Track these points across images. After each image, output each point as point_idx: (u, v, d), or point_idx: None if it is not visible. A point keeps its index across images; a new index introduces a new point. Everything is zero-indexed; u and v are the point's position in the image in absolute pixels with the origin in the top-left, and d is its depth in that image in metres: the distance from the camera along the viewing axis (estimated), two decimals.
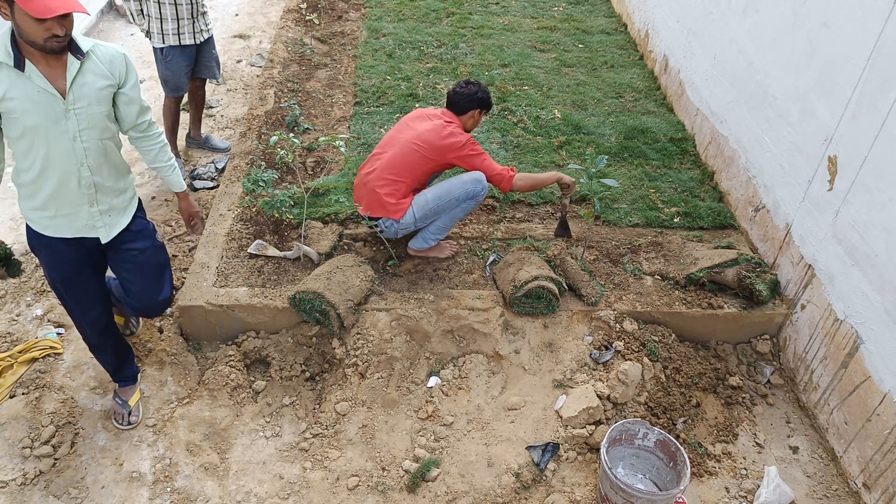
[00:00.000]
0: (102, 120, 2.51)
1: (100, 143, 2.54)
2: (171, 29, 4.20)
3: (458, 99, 3.50)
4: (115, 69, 2.50)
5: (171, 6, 4.15)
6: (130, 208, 2.81)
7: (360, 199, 3.61)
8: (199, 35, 4.33)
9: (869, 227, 2.97)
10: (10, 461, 2.98)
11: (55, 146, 2.45)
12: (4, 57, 2.29)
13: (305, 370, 3.42)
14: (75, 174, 2.53)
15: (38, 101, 2.35)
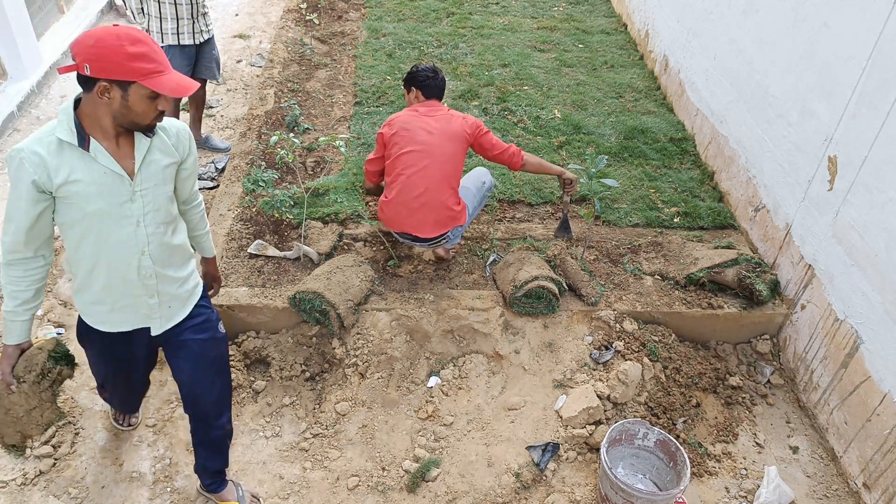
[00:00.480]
0: (166, 201, 2.26)
1: (162, 228, 2.27)
2: (171, 28, 4.21)
3: (442, 85, 3.51)
4: (180, 145, 2.26)
5: (171, 6, 4.15)
6: (193, 298, 2.50)
7: (419, 224, 3.36)
8: (198, 35, 4.34)
9: (869, 227, 2.97)
10: (11, 461, 2.98)
11: (115, 233, 2.17)
12: (67, 135, 2.02)
13: (305, 370, 3.42)
14: (135, 263, 2.24)
15: (103, 184, 2.08)
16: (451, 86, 5.36)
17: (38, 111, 5.38)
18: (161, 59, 1.96)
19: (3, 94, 5.26)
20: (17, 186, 2.02)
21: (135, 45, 1.90)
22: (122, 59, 1.89)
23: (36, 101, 5.46)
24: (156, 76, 1.93)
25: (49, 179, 2.01)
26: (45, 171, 2.00)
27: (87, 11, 6.63)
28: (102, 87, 1.92)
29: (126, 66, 1.89)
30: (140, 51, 1.90)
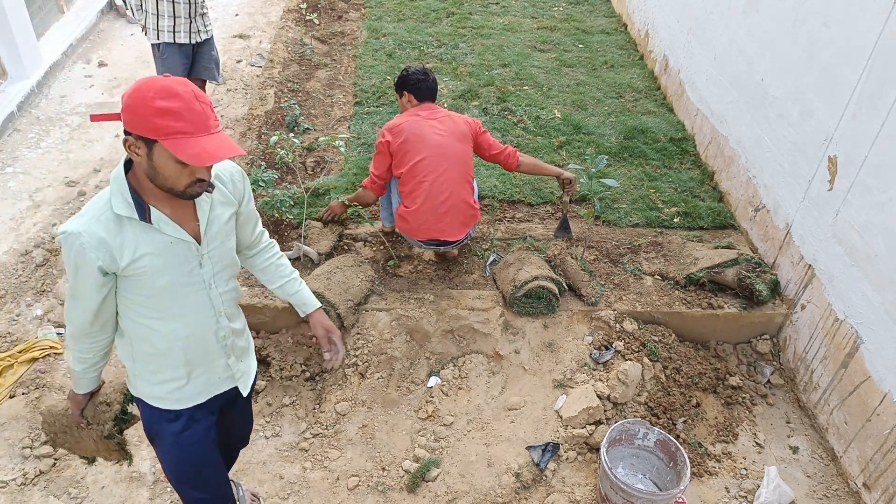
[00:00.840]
0: (232, 256, 2.05)
1: (231, 283, 2.08)
2: (167, 26, 4.18)
3: (434, 87, 3.46)
4: (236, 190, 2.01)
5: (169, 3, 4.13)
6: (251, 346, 2.32)
7: (447, 228, 3.37)
8: (195, 35, 4.30)
9: (869, 227, 2.97)
10: (10, 461, 2.98)
11: (187, 302, 1.96)
12: (125, 209, 1.78)
13: (305, 370, 3.42)
14: (212, 327, 2.05)
15: (171, 255, 1.87)
16: (451, 86, 5.36)
17: (38, 111, 5.38)
18: (197, 119, 1.67)
19: (3, 94, 5.26)
20: (81, 271, 1.81)
21: (166, 100, 1.64)
22: (149, 113, 1.64)
23: (36, 101, 5.46)
24: (179, 137, 1.66)
25: (114, 262, 1.81)
26: (109, 253, 1.79)
27: (87, 11, 6.64)
28: (129, 142, 1.70)
29: (150, 121, 1.65)
30: (169, 106, 1.64)
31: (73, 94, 5.62)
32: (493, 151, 3.51)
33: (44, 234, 4.14)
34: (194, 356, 2.05)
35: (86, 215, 1.79)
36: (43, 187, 4.56)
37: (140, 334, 1.99)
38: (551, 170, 3.65)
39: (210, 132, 1.70)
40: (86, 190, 4.53)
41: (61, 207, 4.38)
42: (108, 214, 1.78)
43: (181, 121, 1.65)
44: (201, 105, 1.69)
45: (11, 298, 3.73)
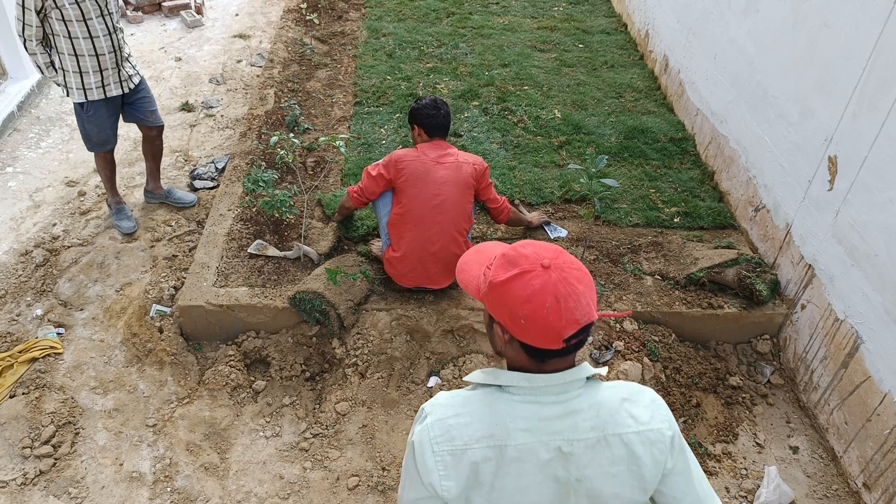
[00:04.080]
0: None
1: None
2: (94, 82, 3.63)
3: (446, 122, 3.33)
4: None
5: (93, 58, 3.55)
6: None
7: (433, 277, 3.36)
8: (126, 83, 3.76)
9: (869, 227, 2.97)
10: (10, 461, 2.98)
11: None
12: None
13: (305, 370, 3.42)
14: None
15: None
16: (452, 86, 5.36)
17: (38, 111, 5.38)
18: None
19: (3, 93, 5.26)
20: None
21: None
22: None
23: (36, 101, 5.46)
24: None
25: None
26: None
27: None
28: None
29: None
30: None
31: None
32: (490, 204, 3.49)
33: (44, 234, 4.14)
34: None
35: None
36: (43, 187, 4.56)
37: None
38: (526, 219, 3.84)
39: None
40: (86, 190, 4.53)
41: (61, 207, 4.38)
42: None
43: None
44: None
45: (11, 298, 3.73)
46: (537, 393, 1.36)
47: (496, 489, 1.35)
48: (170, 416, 3.22)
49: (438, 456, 1.34)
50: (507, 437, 1.33)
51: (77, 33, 3.48)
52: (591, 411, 1.36)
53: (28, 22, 3.42)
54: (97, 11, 3.48)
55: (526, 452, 1.34)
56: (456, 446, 1.34)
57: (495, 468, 1.34)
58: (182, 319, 3.49)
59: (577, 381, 1.38)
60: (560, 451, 1.34)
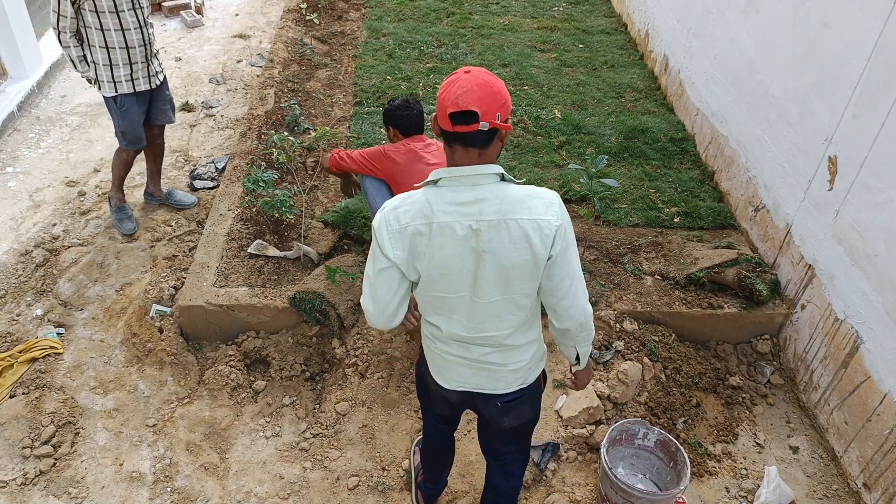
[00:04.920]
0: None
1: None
2: (124, 75, 3.66)
3: (419, 120, 3.34)
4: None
5: (123, 51, 3.59)
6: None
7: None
8: (154, 79, 3.82)
9: (869, 227, 2.97)
10: (10, 461, 2.98)
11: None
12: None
13: (305, 370, 3.42)
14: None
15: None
16: None
17: (38, 111, 5.38)
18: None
19: (3, 93, 5.26)
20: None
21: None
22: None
23: (36, 101, 5.46)
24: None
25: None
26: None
27: None
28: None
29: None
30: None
31: (73, 94, 5.62)
32: None
33: (44, 234, 4.14)
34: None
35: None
36: (43, 187, 4.56)
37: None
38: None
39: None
40: (86, 190, 4.53)
41: (61, 207, 4.38)
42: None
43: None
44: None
45: (11, 298, 3.73)
46: (455, 183, 1.84)
47: (429, 256, 1.87)
48: (170, 416, 3.22)
49: (390, 233, 1.87)
50: (434, 217, 1.83)
51: (109, 25, 3.51)
52: (497, 200, 1.82)
53: (63, 13, 3.44)
54: (129, 4, 3.53)
55: (447, 228, 1.83)
56: (402, 224, 1.86)
57: (427, 241, 1.85)
58: (182, 319, 3.49)
59: (489, 177, 1.84)
60: (471, 229, 1.83)
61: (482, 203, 1.82)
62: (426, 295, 1.99)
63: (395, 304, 1.98)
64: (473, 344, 2.05)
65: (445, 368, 2.16)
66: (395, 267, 1.91)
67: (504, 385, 2.14)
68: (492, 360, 2.08)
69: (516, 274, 1.87)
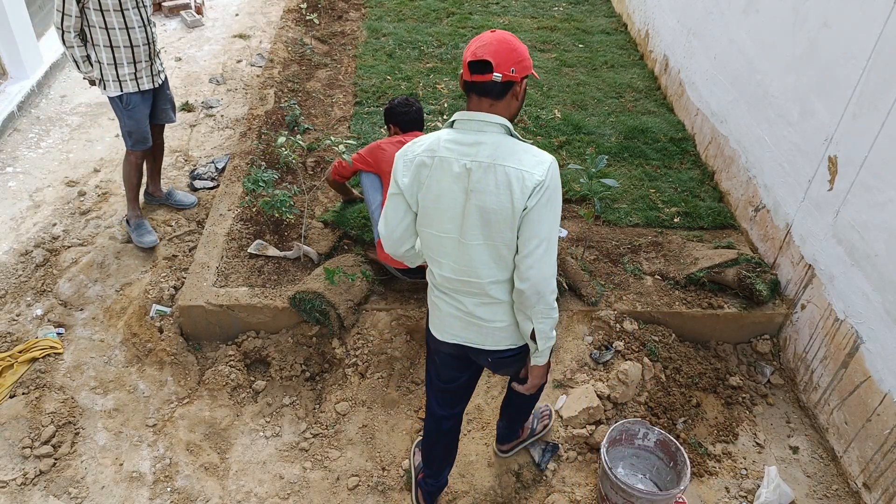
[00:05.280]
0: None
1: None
2: (129, 74, 3.65)
3: (418, 116, 3.51)
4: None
5: (127, 49, 3.58)
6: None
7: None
8: (157, 78, 3.81)
9: (869, 227, 2.97)
10: (10, 461, 2.98)
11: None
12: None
13: (305, 370, 3.42)
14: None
15: None
16: (452, 86, 5.36)
17: (38, 111, 5.38)
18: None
19: (3, 94, 5.26)
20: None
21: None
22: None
23: (36, 101, 5.46)
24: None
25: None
26: None
27: None
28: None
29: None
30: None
31: (73, 94, 5.62)
32: None
33: (44, 234, 4.14)
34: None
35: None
36: (43, 187, 4.56)
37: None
38: None
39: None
40: (86, 190, 4.53)
41: (61, 207, 4.38)
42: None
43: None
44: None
45: (11, 298, 3.73)
46: (464, 126, 2.04)
47: (427, 188, 2.07)
48: (170, 416, 3.22)
49: (403, 163, 2.10)
50: (437, 151, 2.04)
51: (114, 24, 3.51)
52: (493, 146, 2.00)
53: (68, 12, 3.43)
54: (133, 3, 3.53)
55: (445, 163, 2.03)
56: (413, 155, 2.09)
57: (429, 172, 2.05)
58: (182, 319, 3.49)
59: (493, 126, 2.02)
60: (465, 168, 2.01)
61: (480, 146, 2.00)
62: (424, 232, 2.17)
63: (401, 230, 2.18)
64: (462, 293, 2.20)
65: (440, 320, 2.31)
66: (402, 195, 2.12)
67: (492, 342, 2.26)
68: (479, 315, 2.21)
69: (496, 220, 2.01)
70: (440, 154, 2.03)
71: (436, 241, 2.14)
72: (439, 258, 2.17)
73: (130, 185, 4.02)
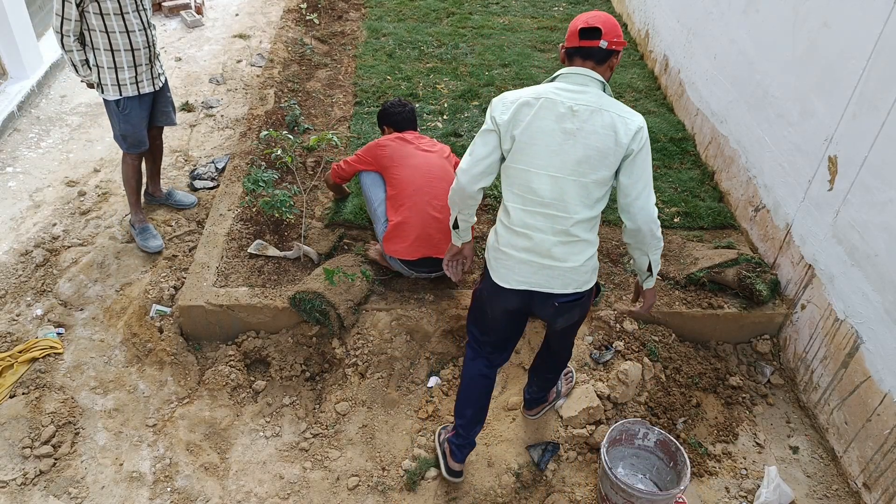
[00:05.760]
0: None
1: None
2: (129, 78, 3.61)
3: (411, 116, 3.64)
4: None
5: (128, 53, 3.54)
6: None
7: (440, 243, 3.28)
8: (157, 80, 3.78)
9: (869, 227, 2.97)
10: (10, 461, 2.98)
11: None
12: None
13: (305, 370, 3.42)
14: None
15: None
16: (452, 86, 5.36)
17: (38, 111, 5.38)
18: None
19: (3, 93, 5.26)
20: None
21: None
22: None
23: (36, 101, 5.46)
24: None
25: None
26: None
27: None
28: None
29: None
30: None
31: (74, 94, 5.62)
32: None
33: (44, 234, 4.14)
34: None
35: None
36: (43, 187, 4.56)
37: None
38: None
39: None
40: (86, 190, 4.53)
41: (61, 207, 4.38)
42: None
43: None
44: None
45: (11, 298, 3.73)
46: (568, 79, 2.33)
47: (527, 125, 2.29)
48: (170, 416, 3.22)
49: (503, 103, 2.35)
50: (543, 94, 2.30)
51: (114, 27, 3.48)
52: (596, 96, 2.29)
53: (67, 16, 3.39)
54: (133, 6, 3.50)
55: (551, 104, 2.28)
56: (514, 98, 2.34)
57: (530, 111, 2.29)
58: (182, 319, 3.49)
59: (595, 81, 2.32)
60: (571, 110, 2.27)
61: (585, 94, 2.29)
62: (512, 168, 2.37)
63: (483, 166, 2.39)
64: (543, 231, 2.36)
65: (508, 268, 2.45)
66: (495, 132, 2.35)
67: (561, 285, 2.42)
68: (554, 254, 2.37)
69: (597, 158, 2.26)
70: (546, 96, 2.28)
71: (526, 176, 2.33)
72: (526, 194, 2.35)
73: (131, 188, 4.01)
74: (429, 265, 3.40)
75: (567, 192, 2.31)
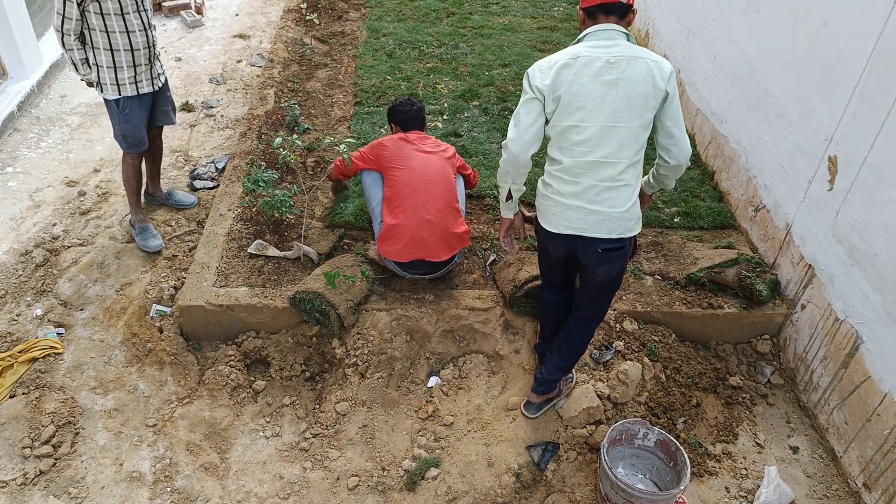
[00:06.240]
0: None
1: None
2: (128, 77, 3.61)
3: (419, 115, 3.64)
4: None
5: (128, 53, 3.54)
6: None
7: (432, 246, 3.31)
8: (157, 80, 3.77)
9: (869, 227, 2.97)
10: (10, 461, 2.98)
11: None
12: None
13: (305, 370, 3.42)
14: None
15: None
16: (452, 86, 5.36)
17: (38, 111, 5.38)
18: None
19: (3, 93, 5.26)
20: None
21: None
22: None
23: (36, 101, 5.46)
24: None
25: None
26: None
27: None
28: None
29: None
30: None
31: (73, 94, 5.62)
32: (463, 171, 3.71)
33: (44, 234, 4.14)
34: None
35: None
36: (43, 187, 4.56)
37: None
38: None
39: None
40: (86, 190, 4.53)
41: (61, 207, 4.38)
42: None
43: None
44: None
45: (11, 298, 3.73)
46: (597, 35, 2.47)
47: (569, 84, 2.46)
48: (170, 416, 3.22)
49: (540, 70, 2.55)
50: (579, 53, 2.47)
51: (114, 27, 3.48)
52: (627, 47, 2.45)
53: (68, 15, 3.40)
54: (133, 7, 3.50)
55: (589, 60, 2.44)
56: (551, 63, 2.53)
57: (570, 71, 2.46)
58: (182, 319, 3.49)
59: (621, 34, 2.46)
60: (608, 62, 2.43)
61: (616, 47, 2.44)
62: (559, 125, 2.52)
63: (532, 132, 2.55)
64: (593, 177, 2.51)
65: (556, 214, 2.62)
66: (538, 99, 2.53)
67: (606, 230, 2.55)
68: (603, 199, 2.52)
69: (640, 103, 2.43)
70: (582, 54, 2.44)
71: (576, 131, 2.48)
72: (576, 147, 2.50)
73: (131, 188, 4.00)
74: (422, 268, 3.41)
75: (617, 139, 2.46)
